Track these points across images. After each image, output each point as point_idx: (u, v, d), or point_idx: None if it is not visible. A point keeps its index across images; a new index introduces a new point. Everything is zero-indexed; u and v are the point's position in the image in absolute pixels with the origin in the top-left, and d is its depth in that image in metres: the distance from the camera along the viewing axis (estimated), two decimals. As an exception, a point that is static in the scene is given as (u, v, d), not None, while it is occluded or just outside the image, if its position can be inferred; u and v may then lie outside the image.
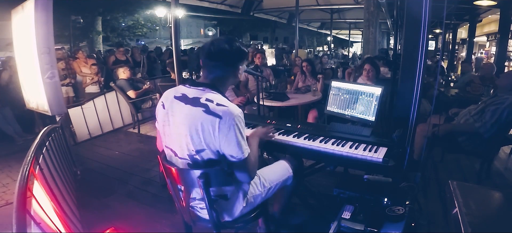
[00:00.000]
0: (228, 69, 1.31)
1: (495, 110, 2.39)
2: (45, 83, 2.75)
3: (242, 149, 1.23)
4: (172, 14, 3.30)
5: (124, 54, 6.44)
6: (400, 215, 1.47)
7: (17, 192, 1.19)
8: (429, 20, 1.60)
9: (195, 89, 1.28)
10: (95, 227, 2.14)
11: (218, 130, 1.20)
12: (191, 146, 1.25)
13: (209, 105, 1.21)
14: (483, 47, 11.96)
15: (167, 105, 1.32)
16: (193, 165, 1.29)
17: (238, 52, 1.30)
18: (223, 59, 1.28)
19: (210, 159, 1.26)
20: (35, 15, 2.63)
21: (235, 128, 1.20)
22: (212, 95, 1.25)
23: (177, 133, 1.28)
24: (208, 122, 1.20)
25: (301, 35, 19.75)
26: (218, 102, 1.22)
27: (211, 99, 1.23)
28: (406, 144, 1.64)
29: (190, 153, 1.27)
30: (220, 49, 1.26)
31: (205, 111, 1.20)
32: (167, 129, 1.33)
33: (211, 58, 1.27)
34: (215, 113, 1.19)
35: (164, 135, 1.37)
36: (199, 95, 1.25)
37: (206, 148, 1.24)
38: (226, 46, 1.27)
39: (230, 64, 1.30)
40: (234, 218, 1.43)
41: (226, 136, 1.20)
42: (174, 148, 1.33)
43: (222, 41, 1.28)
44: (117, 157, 3.63)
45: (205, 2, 7.78)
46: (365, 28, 6.54)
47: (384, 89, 1.87)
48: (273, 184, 1.54)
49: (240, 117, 1.23)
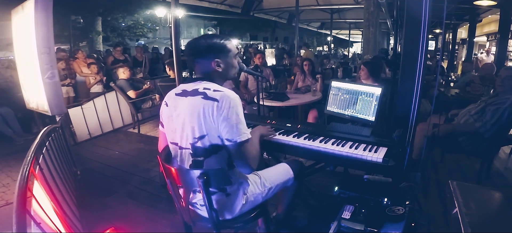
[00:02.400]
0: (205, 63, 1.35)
1: (496, 110, 2.38)
2: (45, 83, 2.74)
3: (239, 132, 1.26)
4: (172, 14, 3.30)
5: (122, 53, 6.44)
6: (400, 215, 1.47)
7: (17, 192, 1.20)
8: (429, 20, 1.60)
9: (193, 83, 1.36)
10: (95, 227, 2.14)
11: (216, 113, 1.25)
12: (193, 134, 1.29)
13: (206, 92, 1.28)
14: (483, 47, 11.96)
15: (170, 103, 1.39)
16: (194, 154, 1.32)
17: (209, 46, 1.34)
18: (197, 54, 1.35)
19: (211, 145, 1.30)
20: (35, 15, 2.62)
21: (231, 111, 1.25)
22: (209, 84, 1.32)
23: (181, 125, 1.33)
24: (208, 107, 1.25)
25: (301, 35, 19.73)
26: (215, 89, 1.29)
27: (208, 87, 1.30)
28: (406, 144, 1.64)
29: (192, 141, 1.31)
30: (193, 45, 1.35)
31: (203, 97, 1.27)
32: (171, 124, 1.38)
33: (188, 55, 1.37)
34: (213, 98, 1.26)
35: (169, 132, 1.41)
36: (196, 86, 1.32)
37: (207, 133, 1.28)
38: (199, 42, 1.35)
39: (204, 57, 1.35)
40: (234, 216, 1.43)
41: (222, 118, 1.25)
42: (178, 140, 1.37)
43: (198, 38, 1.36)
44: (117, 157, 3.63)
45: (205, 2, 7.78)
46: (365, 28, 6.53)
47: (384, 89, 1.87)
48: (273, 185, 1.55)
49: (237, 101, 1.28)
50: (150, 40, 20.15)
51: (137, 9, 14.29)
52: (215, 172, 1.28)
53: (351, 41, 15.64)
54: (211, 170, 1.28)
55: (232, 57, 1.40)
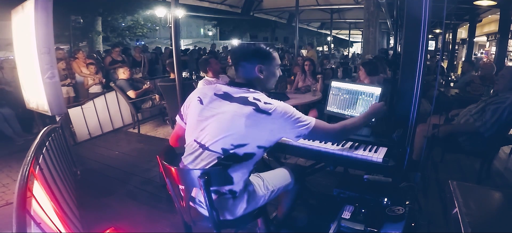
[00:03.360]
0: (248, 67, 1.39)
1: (496, 109, 2.39)
2: (45, 83, 2.75)
3: (305, 123, 1.33)
4: (172, 14, 3.29)
5: (120, 54, 6.44)
6: (400, 215, 1.47)
7: (17, 192, 1.19)
8: (429, 20, 1.60)
9: (238, 89, 1.37)
10: (95, 227, 2.14)
11: (269, 126, 1.28)
12: (231, 141, 1.29)
13: (258, 104, 1.29)
14: (483, 47, 11.96)
15: (205, 101, 1.38)
16: (225, 158, 1.32)
17: (255, 51, 1.38)
18: (242, 57, 1.40)
19: (245, 153, 1.31)
20: (35, 15, 2.62)
21: (286, 116, 1.30)
22: (258, 95, 1.34)
23: (217, 128, 1.31)
24: (259, 120, 1.27)
25: (301, 35, 19.74)
26: (265, 101, 1.31)
27: (259, 99, 1.31)
28: (406, 144, 1.63)
29: (227, 147, 1.30)
30: (241, 48, 1.43)
31: (255, 109, 1.28)
32: (200, 122, 1.36)
33: (233, 57, 1.45)
34: (265, 111, 1.28)
35: (193, 128, 1.39)
36: (244, 94, 1.33)
37: (249, 143, 1.29)
38: (247, 46, 1.40)
39: (249, 61, 1.38)
40: (235, 217, 1.43)
41: (281, 127, 1.30)
42: (204, 141, 1.34)
43: (247, 43, 1.43)
44: (117, 157, 3.63)
45: (205, 2, 7.78)
46: (365, 28, 6.54)
47: (384, 89, 1.87)
48: (275, 188, 1.56)
49: (286, 107, 1.33)
50: (150, 40, 20.15)
51: (137, 9, 14.28)
52: (216, 171, 1.28)
53: (351, 41, 15.63)
54: (212, 169, 1.28)
55: (275, 66, 1.43)
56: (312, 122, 1.35)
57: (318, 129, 1.37)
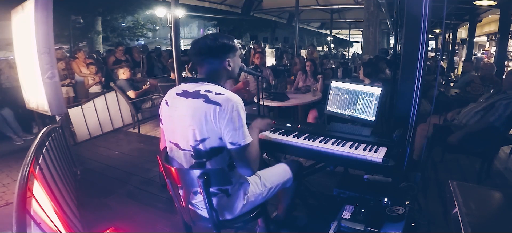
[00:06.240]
0: (216, 63, 1.36)
1: (508, 104, 2.38)
2: (45, 83, 2.74)
3: (242, 135, 1.27)
4: (172, 14, 3.30)
5: (124, 53, 6.43)
6: (400, 215, 1.47)
7: (17, 192, 1.19)
8: (429, 20, 1.60)
9: (194, 84, 1.35)
10: (95, 227, 2.14)
11: (218, 116, 1.25)
12: (194, 136, 1.29)
13: (208, 95, 1.27)
14: (483, 47, 11.96)
15: (170, 102, 1.39)
16: (195, 156, 1.32)
17: (222, 46, 1.35)
18: (209, 54, 1.34)
19: (212, 147, 1.30)
20: (35, 15, 2.62)
21: (234, 114, 1.25)
22: (210, 86, 1.32)
23: (181, 126, 1.32)
24: (210, 110, 1.25)
25: (301, 35, 19.73)
26: (216, 92, 1.28)
27: (210, 90, 1.29)
28: (406, 144, 1.64)
29: (193, 144, 1.31)
30: (204, 45, 1.33)
31: (205, 101, 1.27)
32: (170, 124, 1.39)
33: (197, 55, 1.35)
34: (215, 101, 1.26)
35: (167, 131, 1.42)
36: (198, 88, 1.32)
37: (209, 137, 1.28)
38: (209, 41, 1.33)
39: (217, 57, 1.35)
40: (234, 216, 1.44)
41: (225, 121, 1.25)
42: (178, 141, 1.37)
43: (206, 38, 1.35)
44: (117, 157, 3.63)
45: (205, 2, 7.78)
46: (365, 28, 6.54)
47: (384, 89, 1.87)
48: (273, 185, 1.56)
49: (239, 104, 1.28)
50: (150, 40, 20.14)
51: (137, 9, 14.30)
52: (216, 172, 1.28)
53: (351, 41, 15.63)
54: (211, 170, 1.28)
55: (238, 56, 1.43)
56: (250, 139, 1.29)
57: (249, 149, 1.29)
